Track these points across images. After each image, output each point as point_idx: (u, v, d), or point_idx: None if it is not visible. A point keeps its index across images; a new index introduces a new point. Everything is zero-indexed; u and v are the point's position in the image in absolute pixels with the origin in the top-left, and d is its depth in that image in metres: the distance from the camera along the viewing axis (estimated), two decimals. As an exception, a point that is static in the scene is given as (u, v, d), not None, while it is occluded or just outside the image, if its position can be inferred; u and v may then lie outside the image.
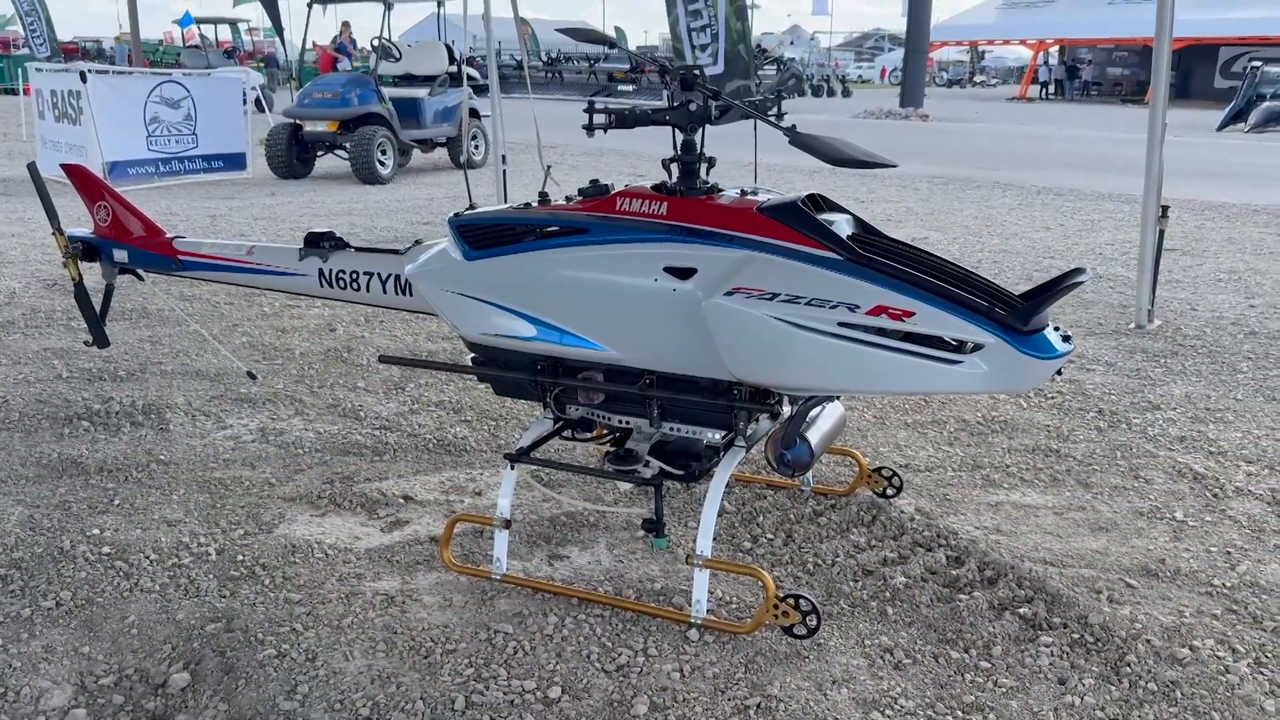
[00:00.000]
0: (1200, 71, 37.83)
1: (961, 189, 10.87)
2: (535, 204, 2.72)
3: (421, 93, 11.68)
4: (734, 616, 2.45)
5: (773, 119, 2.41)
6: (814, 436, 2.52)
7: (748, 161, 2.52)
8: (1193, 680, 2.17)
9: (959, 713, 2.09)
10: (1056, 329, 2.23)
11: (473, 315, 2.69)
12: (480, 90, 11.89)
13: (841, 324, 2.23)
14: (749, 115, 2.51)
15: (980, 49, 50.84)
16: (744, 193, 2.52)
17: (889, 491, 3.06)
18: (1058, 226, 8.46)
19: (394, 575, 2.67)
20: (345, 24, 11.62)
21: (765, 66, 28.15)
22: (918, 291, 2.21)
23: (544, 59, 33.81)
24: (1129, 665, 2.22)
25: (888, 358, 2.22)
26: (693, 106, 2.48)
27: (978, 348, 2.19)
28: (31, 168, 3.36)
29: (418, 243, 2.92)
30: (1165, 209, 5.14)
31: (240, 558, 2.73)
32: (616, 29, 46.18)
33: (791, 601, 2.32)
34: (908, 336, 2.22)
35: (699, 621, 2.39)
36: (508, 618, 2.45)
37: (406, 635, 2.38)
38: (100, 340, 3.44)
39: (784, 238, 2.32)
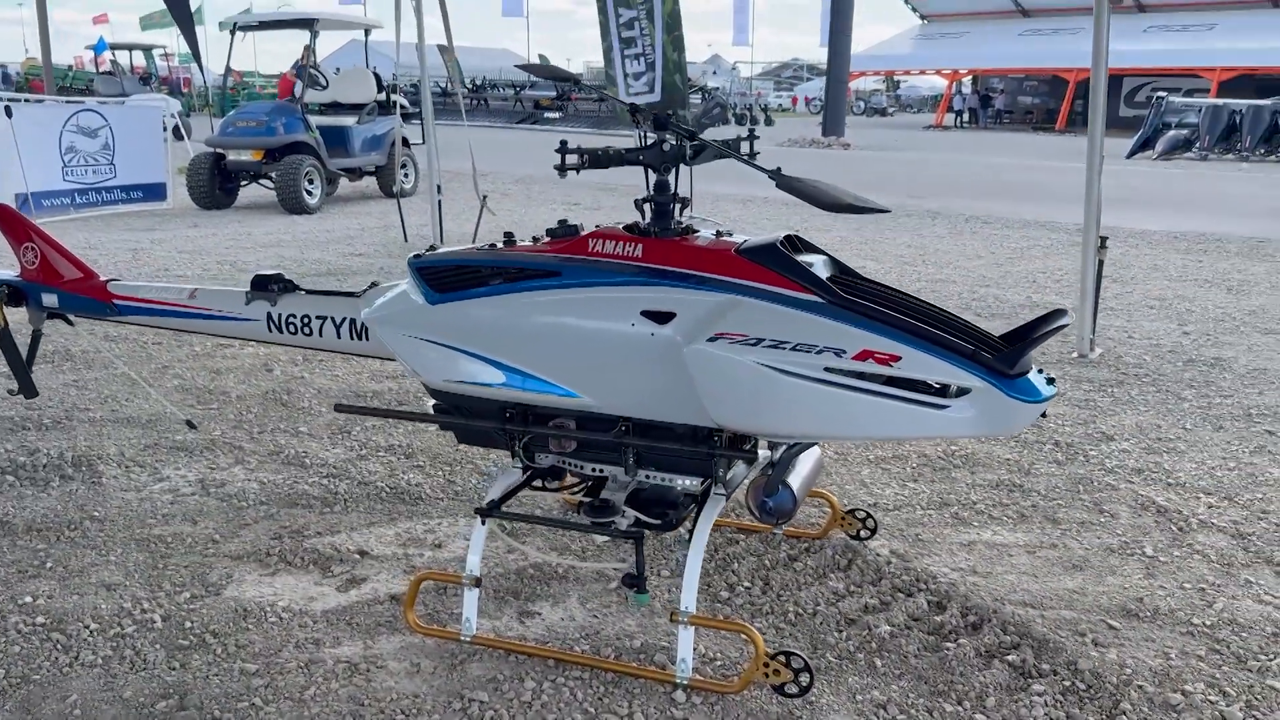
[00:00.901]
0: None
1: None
2: (500, 245, 2.61)
3: (350, 121, 11.47)
4: (720, 675, 2.36)
5: (756, 162, 2.34)
6: (795, 482, 2.45)
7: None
8: (1189, 728, 2.15)
9: (960, 771, 2.03)
10: (1040, 371, 2.19)
11: (436, 361, 2.57)
12: (408, 118, 11.72)
13: (828, 369, 2.17)
14: (725, 155, 2.44)
15: (895, 78, 52.05)
16: (719, 234, 2.45)
17: (863, 534, 3.01)
18: (989, 254, 8.60)
19: (355, 640, 2.52)
20: (307, 48, 11.35)
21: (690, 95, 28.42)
22: (903, 335, 2.16)
23: (469, 86, 33.66)
24: (1124, 714, 2.19)
25: (874, 403, 2.16)
26: (666, 146, 2.41)
27: (964, 392, 2.14)
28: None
29: (374, 285, 2.81)
30: (1104, 239, 5.24)
31: (188, 624, 2.56)
32: (540, 56, 46.24)
33: (782, 659, 2.24)
34: (893, 381, 2.17)
35: (685, 682, 2.29)
36: (481, 684, 2.32)
37: (374, 707, 2.23)
38: (27, 389, 3.23)
39: (765, 280, 2.26)
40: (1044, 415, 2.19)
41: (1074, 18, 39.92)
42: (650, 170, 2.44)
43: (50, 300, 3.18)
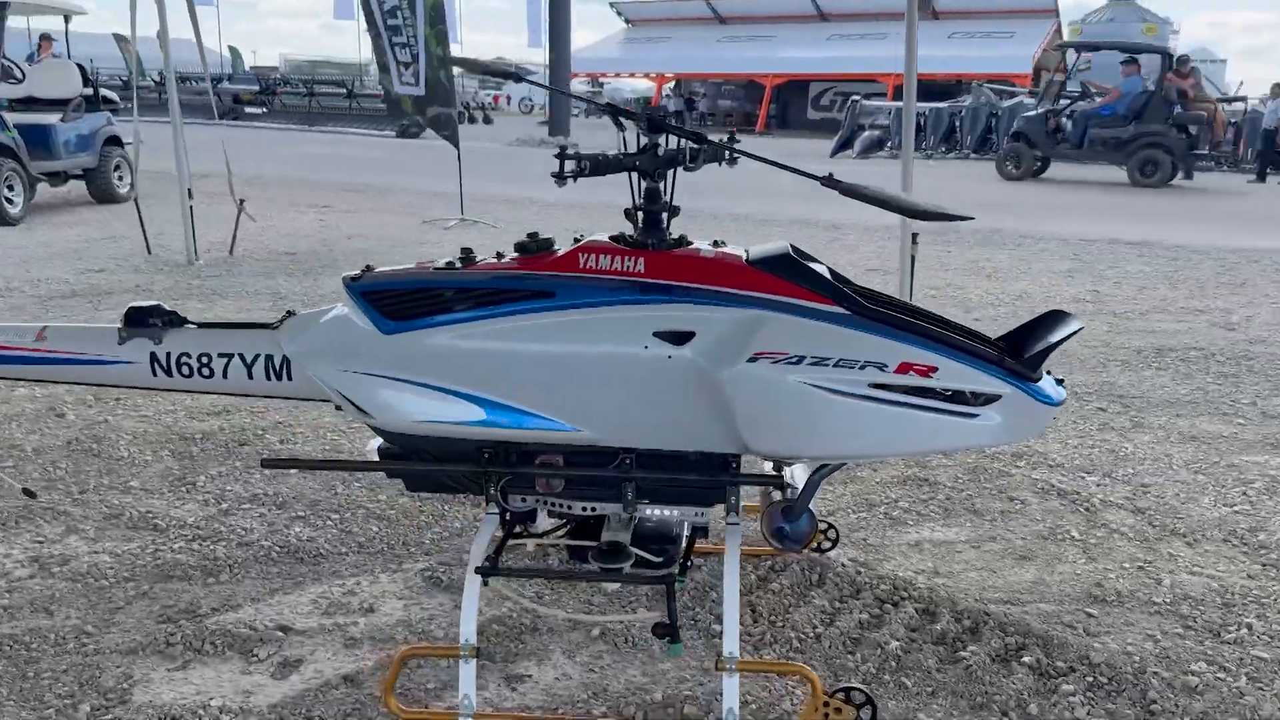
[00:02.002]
0: (795, 104, 42.04)
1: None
2: (456, 263, 2.28)
3: (53, 118, 10.08)
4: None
5: (798, 167, 2.18)
6: (811, 506, 2.32)
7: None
8: (1221, 708, 2.23)
9: (1045, 788, 1.99)
10: (1049, 373, 2.20)
11: (396, 400, 2.22)
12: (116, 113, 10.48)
13: (871, 385, 2.05)
14: (720, 159, 2.26)
15: (601, 81, 53.20)
16: (716, 243, 2.27)
17: (824, 545, 2.93)
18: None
19: None
20: (45, 36, 9.78)
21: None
22: (936, 345, 2.08)
23: (154, 80, 30.86)
24: (1156, 703, 2.24)
25: (916, 417, 2.07)
26: (661, 151, 2.20)
27: (991, 399, 2.10)
28: None
29: (290, 314, 2.39)
30: (915, 235, 5.50)
31: (109, 749, 2.05)
32: (231, 49, 43.21)
33: (842, 695, 2.10)
34: (930, 393, 2.09)
35: None
36: None
37: None
38: None
39: (785, 293, 2.11)
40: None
41: (766, 25, 42.51)
42: (643, 177, 2.21)
43: None
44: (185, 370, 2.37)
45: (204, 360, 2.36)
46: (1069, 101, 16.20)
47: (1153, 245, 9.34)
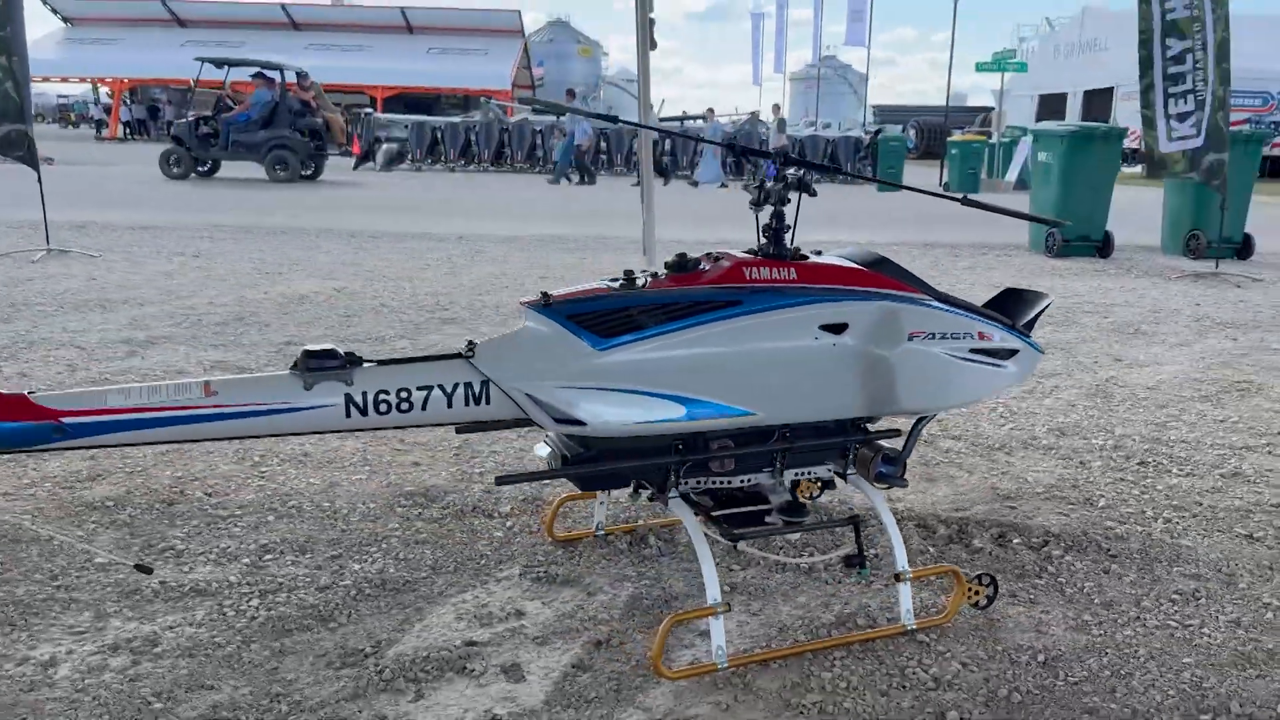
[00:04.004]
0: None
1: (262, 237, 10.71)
2: (620, 284, 2.64)
3: None
4: (926, 613, 2.83)
5: (933, 189, 2.82)
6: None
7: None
8: (1196, 546, 3.30)
9: (1172, 617, 2.88)
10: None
11: (611, 407, 2.52)
12: None
13: (971, 350, 2.81)
14: (825, 172, 2.85)
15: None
16: (817, 253, 2.87)
17: (813, 494, 3.59)
18: (421, 266, 9.12)
19: (631, 708, 2.37)
20: None
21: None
22: (984, 318, 2.90)
23: None
24: (1139, 553, 3.25)
25: (986, 371, 2.87)
26: (788, 179, 2.75)
27: (1013, 353, 2.97)
28: None
29: (471, 344, 2.54)
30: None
31: (476, 767, 2.11)
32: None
33: (976, 580, 2.82)
34: (991, 353, 2.90)
35: (914, 627, 2.72)
36: (791, 693, 2.45)
37: None
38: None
39: (895, 287, 2.79)
40: None
41: (234, 31, 40.49)
42: (776, 203, 2.74)
43: (-81, 436, 2.10)
44: (383, 407, 2.42)
45: (403, 395, 2.43)
46: (224, 110, 18.34)
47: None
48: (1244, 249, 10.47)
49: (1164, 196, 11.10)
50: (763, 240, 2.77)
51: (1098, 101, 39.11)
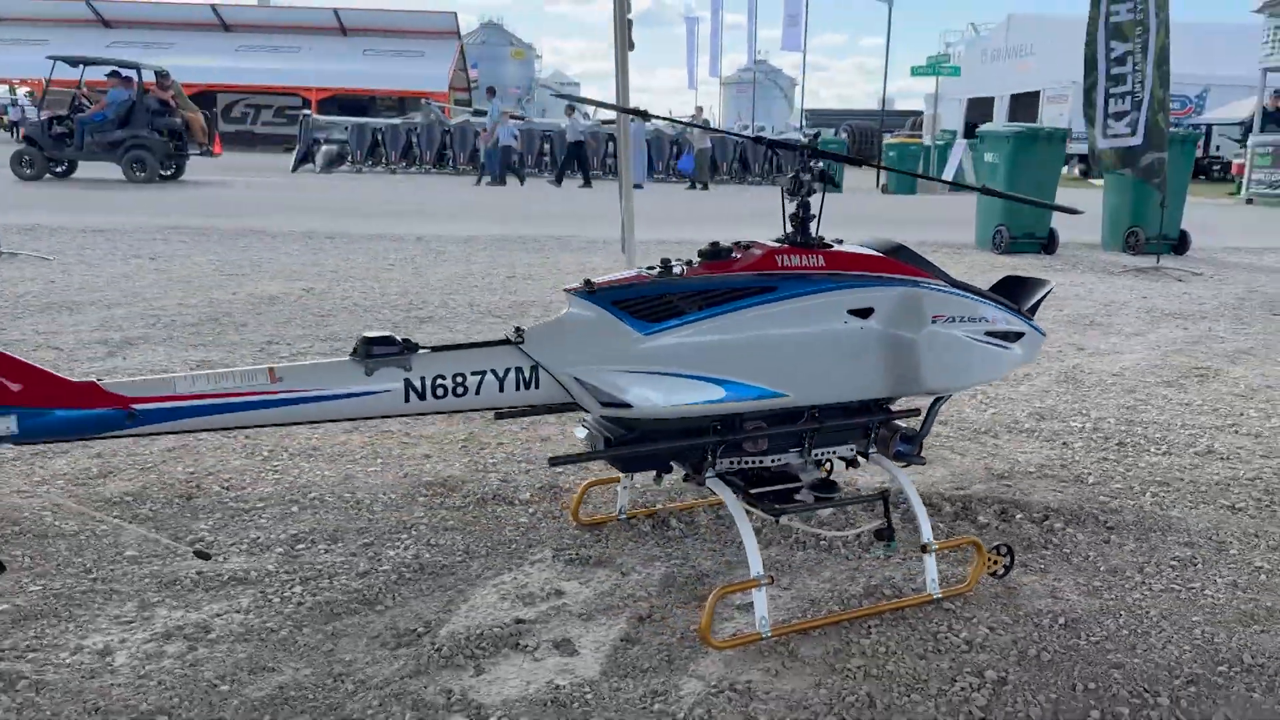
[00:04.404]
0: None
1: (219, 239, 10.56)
2: (657, 272, 2.73)
3: None
4: (949, 583, 2.96)
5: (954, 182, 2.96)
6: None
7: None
8: (1178, 512, 3.49)
9: (1168, 588, 3.05)
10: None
11: (655, 390, 2.62)
12: None
13: (986, 332, 2.96)
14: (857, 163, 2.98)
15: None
16: (839, 241, 3.00)
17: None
18: (372, 265, 9.09)
19: (681, 677, 2.46)
20: None
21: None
22: (995, 302, 3.06)
23: None
24: (1134, 525, 3.43)
25: (997, 352, 3.03)
26: (814, 171, 2.88)
27: (1019, 335, 3.13)
28: None
29: (519, 330, 2.62)
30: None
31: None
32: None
33: (994, 550, 2.97)
34: (1001, 335, 3.06)
35: (940, 595, 2.86)
36: (835, 658, 2.56)
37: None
38: (-9, 565, 2.10)
39: (914, 273, 2.93)
40: None
41: (163, 33, 39.69)
42: (803, 194, 2.86)
43: (3, 426, 2.11)
44: (440, 392, 2.49)
45: (458, 380, 2.50)
46: (79, 110, 17.96)
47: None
48: (1180, 245, 10.92)
49: (1104, 195, 11.52)
50: (789, 229, 2.88)
51: (1024, 104, 40.24)
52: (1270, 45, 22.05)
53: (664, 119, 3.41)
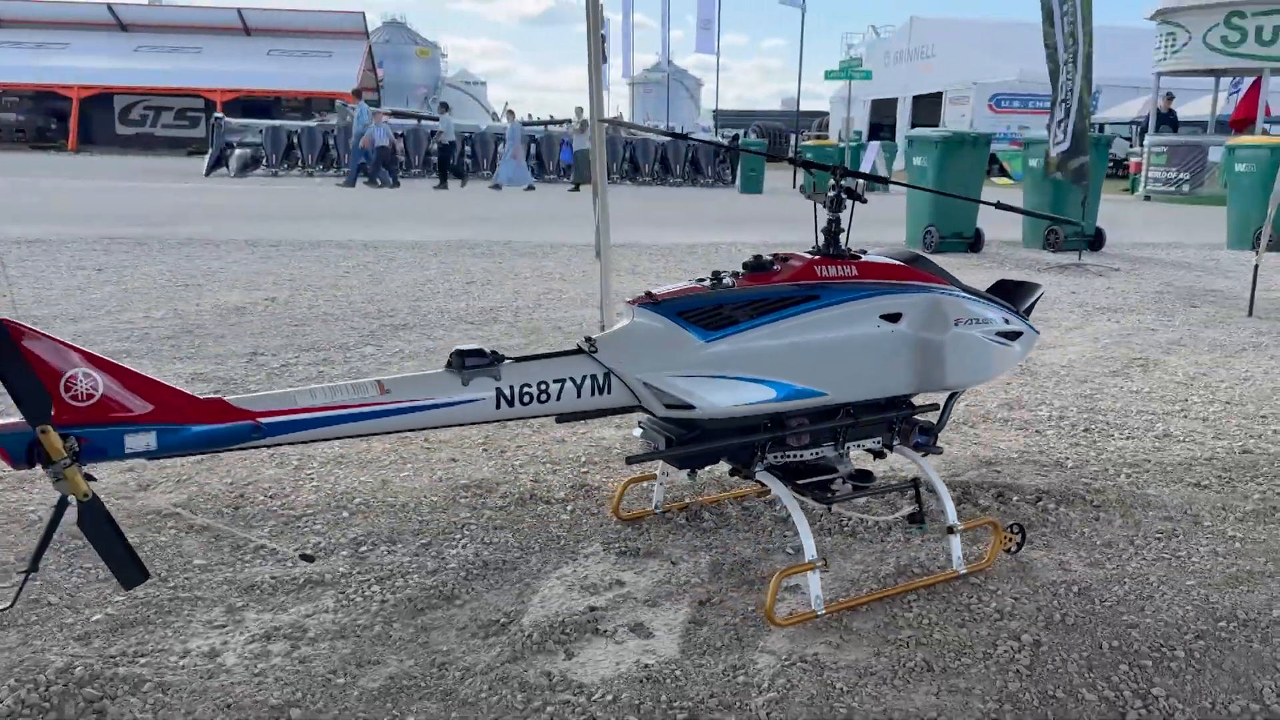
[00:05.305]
0: (99, 119, 38.66)
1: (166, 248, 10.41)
2: (708, 283, 2.98)
3: None
4: (972, 560, 3.26)
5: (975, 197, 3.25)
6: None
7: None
8: (1162, 501, 3.85)
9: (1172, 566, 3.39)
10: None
11: (718, 392, 2.87)
12: None
13: (996, 333, 3.28)
14: (870, 179, 3.26)
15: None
16: (863, 251, 3.28)
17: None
18: (326, 274, 9.11)
19: (755, 653, 2.70)
20: None
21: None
22: (1000, 304, 3.38)
23: None
24: (1118, 503, 3.78)
25: (1003, 350, 3.34)
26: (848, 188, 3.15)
27: (1019, 335, 3.46)
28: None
29: (590, 340, 2.84)
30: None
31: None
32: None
33: (1009, 529, 3.28)
34: (1006, 335, 3.37)
35: (965, 571, 3.16)
36: (889, 630, 2.84)
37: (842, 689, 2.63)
38: (140, 574, 2.22)
39: (932, 280, 3.23)
40: None
41: (58, 32, 38.32)
42: (834, 209, 3.13)
43: (140, 443, 2.25)
44: (526, 399, 2.69)
45: (542, 387, 2.71)
46: None
47: None
48: (1097, 241, 11.58)
49: (1023, 196, 12.14)
50: (821, 240, 3.15)
51: (926, 105, 41.53)
52: (1163, 50, 23.29)
53: (702, 141, 3.64)
